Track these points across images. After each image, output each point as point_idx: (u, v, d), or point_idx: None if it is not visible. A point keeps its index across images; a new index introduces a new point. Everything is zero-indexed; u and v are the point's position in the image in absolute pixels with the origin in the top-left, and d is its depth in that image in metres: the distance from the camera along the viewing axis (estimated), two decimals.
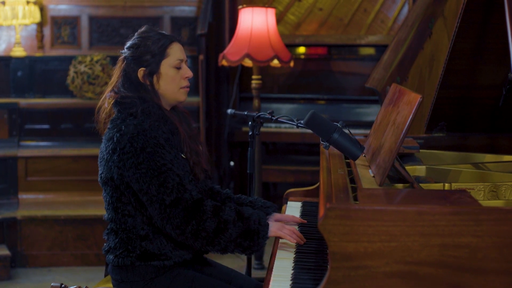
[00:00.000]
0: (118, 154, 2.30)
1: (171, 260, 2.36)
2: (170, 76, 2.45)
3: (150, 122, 2.35)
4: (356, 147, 2.35)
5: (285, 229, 2.35)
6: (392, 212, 1.72)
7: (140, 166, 2.27)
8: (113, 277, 2.44)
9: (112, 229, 2.41)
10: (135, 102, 2.39)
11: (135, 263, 2.36)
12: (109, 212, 2.41)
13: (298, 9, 5.79)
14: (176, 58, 2.46)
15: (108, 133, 2.37)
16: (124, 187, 2.33)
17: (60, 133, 5.52)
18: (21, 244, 4.84)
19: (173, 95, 2.47)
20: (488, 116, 2.99)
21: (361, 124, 5.23)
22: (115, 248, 2.39)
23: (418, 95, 2.14)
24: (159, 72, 2.44)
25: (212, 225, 2.25)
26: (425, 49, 4.53)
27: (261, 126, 2.90)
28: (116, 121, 2.38)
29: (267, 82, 5.55)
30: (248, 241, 2.28)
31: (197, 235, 2.25)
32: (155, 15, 6.12)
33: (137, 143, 2.28)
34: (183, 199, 2.26)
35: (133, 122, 2.33)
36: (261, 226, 2.30)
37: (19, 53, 5.77)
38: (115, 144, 2.31)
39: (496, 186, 2.31)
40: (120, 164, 2.30)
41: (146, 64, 2.44)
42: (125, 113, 2.39)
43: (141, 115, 2.36)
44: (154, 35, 2.47)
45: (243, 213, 2.31)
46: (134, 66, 2.45)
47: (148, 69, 2.43)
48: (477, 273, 1.70)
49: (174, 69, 2.46)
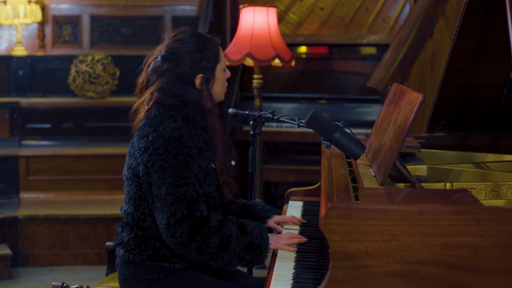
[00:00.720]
0: (150, 154, 2.28)
1: (181, 264, 2.34)
2: (221, 79, 2.47)
3: (188, 129, 2.33)
4: (358, 147, 2.35)
5: (282, 240, 2.34)
6: (394, 211, 1.72)
7: (166, 171, 2.25)
8: (120, 271, 2.42)
9: (128, 223, 2.39)
10: (177, 104, 2.37)
11: (145, 262, 2.35)
12: (129, 206, 2.38)
13: (300, 8, 5.79)
14: (225, 61, 2.48)
15: (143, 130, 2.33)
16: (146, 187, 2.31)
17: (61, 132, 5.52)
18: (22, 243, 4.84)
19: (220, 96, 2.48)
20: (489, 115, 2.99)
21: (362, 124, 5.23)
22: (128, 243, 2.38)
23: (419, 94, 2.14)
24: (214, 78, 2.44)
25: (217, 241, 2.23)
26: (426, 49, 4.53)
27: (262, 125, 2.90)
28: (154, 119, 2.34)
29: (268, 81, 5.56)
30: (251, 255, 2.28)
31: (201, 251, 2.24)
32: (156, 14, 6.12)
33: (171, 148, 2.26)
34: (193, 217, 2.24)
35: (172, 126, 2.30)
36: (263, 239, 2.29)
37: (20, 52, 5.77)
38: (149, 143, 2.28)
39: (497, 185, 2.31)
40: (149, 164, 2.28)
41: (203, 70, 2.41)
42: (164, 114, 2.35)
43: (180, 120, 2.34)
44: (203, 38, 2.45)
45: (245, 227, 2.30)
46: (191, 72, 2.39)
47: (205, 76, 2.41)
48: (478, 272, 1.70)
49: (223, 72, 2.47)
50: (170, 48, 2.41)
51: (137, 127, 2.41)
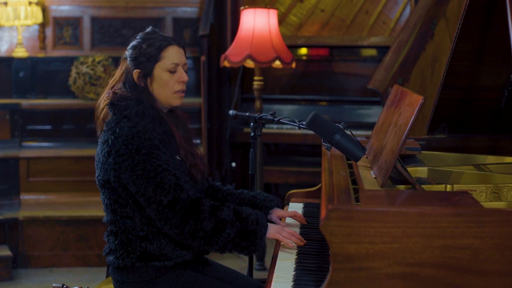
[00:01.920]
0: (114, 157, 2.30)
1: (171, 261, 2.36)
2: (163, 79, 2.44)
3: (145, 123, 2.34)
4: (358, 149, 2.35)
5: (284, 232, 2.34)
6: (394, 213, 1.72)
7: (136, 168, 2.27)
8: (114, 278, 2.44)
9: (112, 231, 2.42)
10: (129, 104, 2.39)
11: (136, 264, 2.36)
12: (108, 214, 2.42)
13: (300, 10, 5.80)
14: (170, 62, 2.44)
15: (103, 136, 2.38)
16: (121, 189, 2.33)
17: (62, 133, 5.52)
18: (23, 244, 4.84)
19: (166, 99, 2.46)
20: (490, 117, 2.99)
21: (363, 126, 5.23)
22: (115, 250, 2.40)
23: (420, 96, 2.14)
24: (152, 75, 2.44)
25: (210, 224, 2.25)
26: (427, 51, 4.53)
27: (263, 127, 2.90)
28: (111, 123, 2.38)
29: (269, 83, 5.56)
30: (246, 242, 2.28)
31: (195, 235, 2.25)
32: (157, 16, 6.12)
33: (132, 145, 2.29)
34: (180, 199, 2.26)
35: (127, 125, 2.33)
36: (259, 226, 2.30)
37: (21, 53, 5.78)
38: (110, 147, 2.31)
39: (498, 187, 2.31)
40: (116, 167, 2.30)
41: (141, 66, 2.44)
42: (119, 115, 2.39)
43: (135, 117, 2.36)
44: (154, 37, 2.46)
45: (241, 213, 2.31)
46: (131, 67, 2.46)
47: (142, 71, 2.43)
48: (478, 274, 1.70)
49: (168, 73, 2.44)
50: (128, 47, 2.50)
51: (100, 128, 2.47)
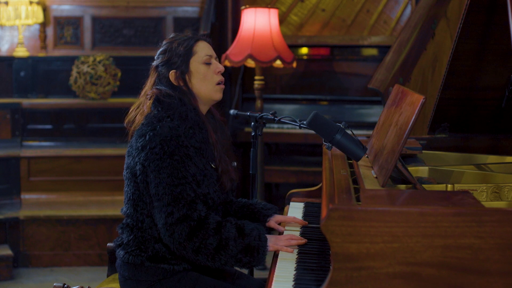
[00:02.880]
0: (146, 153, 2.29)
1: (180, 266, 2.35)
2: (202, 72, 2.45)
3: (186, 128, 2.34)
4: (359, 148, 2.35)
5: (281, 241, 2.33)
6: (395, 213, 1.72)
7: (163, 170, 2.26)
8: (120, 272, 2.43)
9: (128, 224, 2.40)
10: (173, 103, 2.38)
11: (145, 263, 2.35)
12: (128, 207, 2.39)
13: (301, 10, 5.80)
14: (204, 53, 2.46)
15: (141, 129, 2.35)
16: (143, 187, 2.32)
17: (62, 133, 5.52)
18: (24, 244, 4.84)
19: (208, 93, 2.46)
20: (491, 117, 2.99)
21: (364, 125, 5.23)
22: (128, 245, 2.38)
23: (421, 96, 2.13)
24: (189, 71, 2.44)
25: (214, 242, 2.24)
26: (428, 50, 4.53)
27: (263, 126, 2.90)
28: (153, 119, 2.36)
29: (269, 82, 5.56)
30: (248, 257, 2.27)
31: (198, 252, 2.25)
32: (158, 15, 6.12)
33: (167, 147, 2.27)
34: (190, 218, 2.25)
35: (169, 125, 2.31)
36: (261, 242, 2.29)
37: (22, 53, 5.78)
38: (146, 142, 2.30)
39: (499, 187, 2.31)
40: (146, 163, 2.29)
41: (175, 66, 2.43)
42: (162, 113, 2.37)
43: (178, 118, 2.35)
44: (180, 37, 2.49)
45: (244, 229, 2.30)
46: (165, 71, 2.45)
47: (179, 70, 2.43)
48: (479, 274, 1.69)
49: (204, 65, 2.45)
50: (155, 57, 2.51)
51: (133, 131, 2.44)
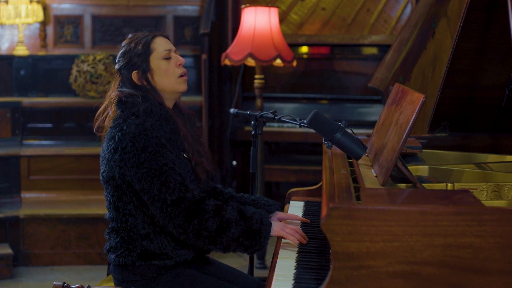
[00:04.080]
0: (120, 154, 2.30)
1: (172, 260, 2.36)
2: (163, 68, 2.46)
3: (152, 121, 2.35)
4: (359, 147, 2.34)
5: (288, 228, 2.34)
6: (395, 212, 1.72)
7: (142, 165, 2.27)
8: (114, 276, 2.44)
9: (113, 228, 2.42)
10: (137, 101, 2.39)
11: (136, 263, 2.36)
12: (111, 211, 2.42)
13: (301, 8, 5.79)
14: (163, 49, 2.46)
15: (110, 132, 2.37)
16: (125, 186, 2.33)
17: (62, 132, 5.52)
18: (24, 243, 4.84)
19: (171, 86, 2.47)
20: (491, 116, 2.99)
21: (364, 124, 5.23)
22: (116, 248, 2.40)
23: (421, 94, 2.13)
24: (150, 69, 2.45)
25: (214, 224, 2.25)
26: (428, 49, 4.53)
27: (263, 125, 2.90)
28: (118, 120, 2.38)
29: (269, 81, 5.55)
30: (250, 240, 2.28)
31: (199, 234, 2.25)
32: (158, 14, 6.12)
33: (138, 143, 2.29)
34: (185, 199, 2.26)
35: (135, 122, 2.33)
36: (263, 225, 2.30)
37: (22, 52, 5.78)
38: (117, 144, 2.31)
39: (499, 186, 2.31)
40: (121, 164, 2.30)
41: (137, 65, 2.45)
42: (127, 112, 2.39)
43: (143, 114, 2.36)
44: (137, 36, 2.51)
45: (245, 212, 2.31)
46: (127, 72, 2.46)
47: (140, 70, 2.44)
48: (480, 273, 1.69)
49: (164, 60, 2.46)
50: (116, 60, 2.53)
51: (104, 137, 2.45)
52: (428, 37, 4.53)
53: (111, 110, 2.47)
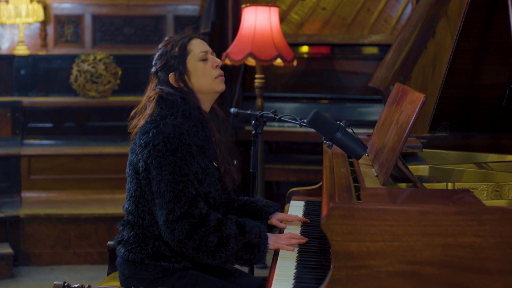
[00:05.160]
0: (149, 150, 2.29)
1: (180, 264, 2.35)
2: (200, 69, 2.45)
3: (189, 126, 2.34)
4: (359, 147, 2.34)
5: (282, 239, 2.33)
6: (395, 211, 1.72)
7: (165, 168, 2.26)
8: (120, 270, 2.43)
9: (129, 221, 2.40)
10: (177, 101, 2.39)
11: (145, 261, 2.35)
12: (130, 204, 2.40)
13: (302, 8, 5.79)
14: (200, 50, 2.47)
15: (145, 127, 2.36)
16: (145, 183, 2.32)
17: (63, 131, 5.52)
18: (24, 242, 4.84)
19: (209, 87, 2.46)
20: (492, 115, 2.99)
21: (364, 124, 5.23)
22: (128, 242, 2.38)
23: (421, 94, 2.13)
24: (187, 70, 2.45)
25: (215, 240, 2.24)
26: (428, 49, 4.53)
27: (264, 125, 2.90)
28: (156, 117, 2.37)
29: (270, 81, 5.55)
30: (249, 255, 2.28)
31: (199, 249, 2.25)
32: (158, 14, 6.12)
33: (170, 145, 2.28)
34: (191, 215, 2.25)
35: (172, 123, 2.32)
36: (261, 239, 2.29)
37: (22, 51, 5.78)
38: (149, 139, 2.30)
39: (499, 185, 2.31)
40: (148, 160, 2.29)
41: (174, 68, 2.44)
42: (166, 111, 2.38)
43: (181, 116, 2.35)
44: (173, 39, 2.50)
45: (245, 226, 2.30)
46: (164, 75, 2.46)
47: (177, 71, 2.44)
48: (480, 273, 1.69)
49: (201, 62, 2.46)
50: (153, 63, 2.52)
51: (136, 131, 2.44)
52: (429, 36, 4.53)
53: (149, 108, 2.45)
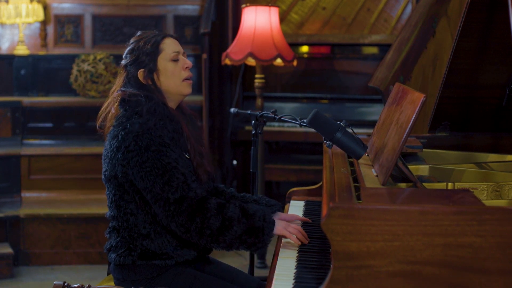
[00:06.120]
0: (123, 152, 2.30)
1: (172, 260, 2.36)
2: (169, 69, 2.46)
3: (155, 120, 2.34)
4: (359, 146, 2.34)
5: (290, 227, 2.34)
6: (395, 211, 1.72)
7: (145, 164, 2.27)
8: (114, 276, 2.44)
9: (114, 227, 2.42)
10: (140, 100, 2.39)
11: (137, 262, 2.36)
12: (112, 210, 2.42)
13: (302, 8, 5.79)
14: (171, 50, 2.47)
15: (113, 131, 2.37)
16: (128, 185, 2.33)
17: (63, 131, 5.52)
18: (24, 242, 4.84)
19: (176, 88, 2.47)
20: (492, 115, 2.99)
21: (364, 123, 5.23)
22: (117, 247, 2.40)
23: (421, 94, 2.13)
24: (157, 69, 2.45)
25: (217, 222, 2.25)
26: (428, 49, 4.53)
27: (264, 125, 2.90)
28: (122, 119, 2.38)
29: (270, 81, 5.56)
30: (253, 238, 2.28)
31: (202, 233, 2.25)
32: (158, 14, 6.12)
33: (142, 142, 2.29)
34: (187, 197, 2.26)
35: (138, 121, 2.33)
36: (266, 223, 2.30)
37: (22, 51, 5.78)
38: (120, 142, 2.31)
39: (499, 185, 2.31)
40: (124, 162, 2.30)
41: (144, 64, 2.45)
42: (130, 111, 2.38)
43: (146, 113, 2.36)
44: (147, 35, 2.50)
45: (248, 210, 2.31)
46: (134, 70, 2.46)
47: (146, 69, 2.44)
48: (480, 273, 1.69)
49: (172, 62, 2.46)
50: (123, 56, 2.52)
51: (106, 135, 2.45)
52: (429, 36, 4.53)
53: (114, 108, 2.46)
